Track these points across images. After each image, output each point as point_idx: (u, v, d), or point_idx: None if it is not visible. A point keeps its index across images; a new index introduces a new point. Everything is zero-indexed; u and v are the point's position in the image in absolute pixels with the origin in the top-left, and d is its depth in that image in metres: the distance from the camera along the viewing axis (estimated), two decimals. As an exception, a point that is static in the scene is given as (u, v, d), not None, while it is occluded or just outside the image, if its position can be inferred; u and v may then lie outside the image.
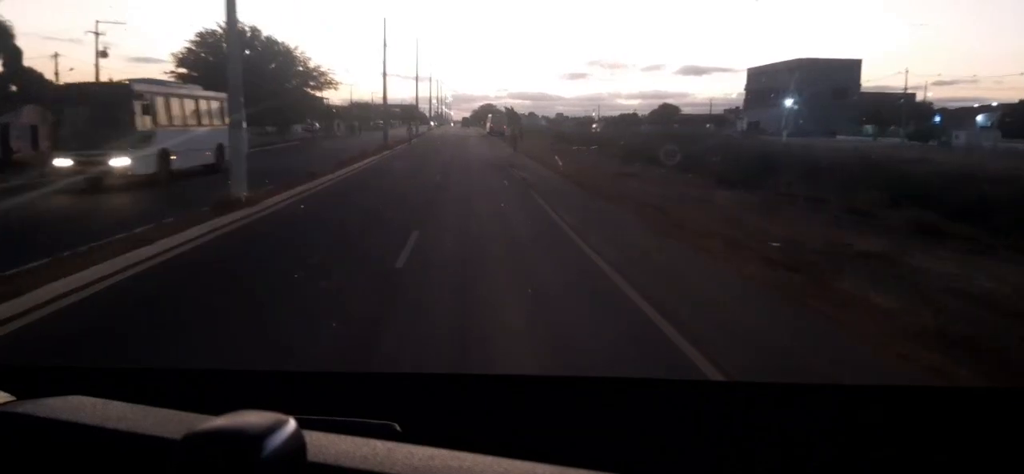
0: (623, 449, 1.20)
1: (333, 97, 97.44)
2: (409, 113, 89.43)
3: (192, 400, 1.07)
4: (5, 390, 1.14)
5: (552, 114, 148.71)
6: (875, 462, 1.20)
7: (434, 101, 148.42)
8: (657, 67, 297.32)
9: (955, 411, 1.34)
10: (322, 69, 42.56)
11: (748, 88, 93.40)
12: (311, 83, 42.21)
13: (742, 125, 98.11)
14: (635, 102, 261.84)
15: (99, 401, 1.07)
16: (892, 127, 70.22)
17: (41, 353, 5.00)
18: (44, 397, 1.09)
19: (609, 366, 4.63)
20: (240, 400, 0.92)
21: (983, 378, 4.44)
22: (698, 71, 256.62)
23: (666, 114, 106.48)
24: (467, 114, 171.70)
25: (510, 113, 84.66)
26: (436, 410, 1.31)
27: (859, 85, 78.68)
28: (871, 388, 2.17)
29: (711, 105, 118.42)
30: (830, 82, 78.10)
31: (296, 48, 41.55)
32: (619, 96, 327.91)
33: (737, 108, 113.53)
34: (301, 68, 41.47)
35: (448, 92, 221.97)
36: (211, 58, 36.24)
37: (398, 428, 1.06)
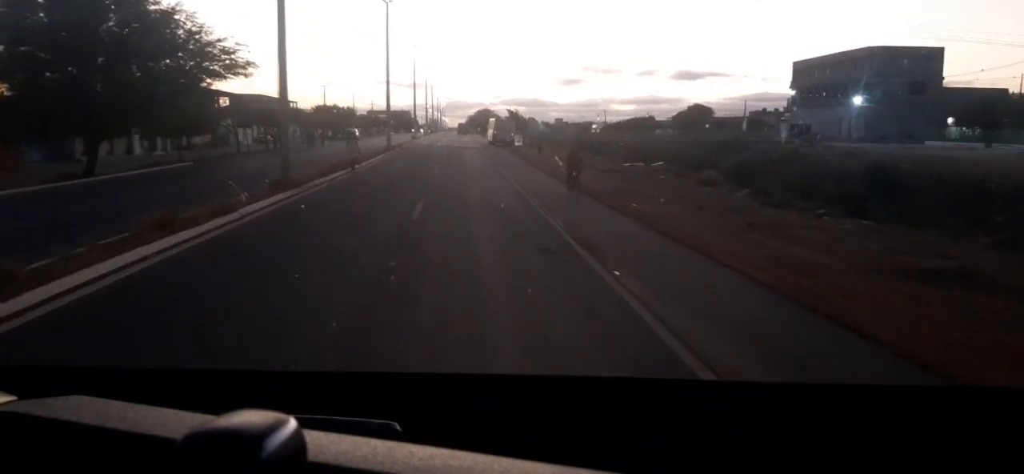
0: (623, 449, 1.21)
1: (301, 100, 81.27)
2: (400, 120, 71.92)
3: (192, 400, 1.07)
4: (6, 390, 1.14)
5: (548, 120, 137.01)
6: (874, 462, 1.21)
7: (427, 106, 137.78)
8: (651, 72, 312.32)
9: (955, 411, 1.35)
10: (228, 47, 26.24)
11: (794, 86, 77.66)
12: (208, 65, 25.72)
13: (784, 130, 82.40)
14: (630, 107, 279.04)
15: (100, 401, 1.08)
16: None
17: None
18: (45, 397, 1.10)
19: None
20: (240, 400, 0.93)
21: None
22: (692, 76, 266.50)
23: (696, 117, 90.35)
24: (463, 120, 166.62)
25: (516, 118, 67.32)
26: (436, 410, 1.32)
27: (941, 78, 63.07)
28: (870, 388, 2.15)
29: (746, 106, 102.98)
30: (907, 75, 62.40)
31: (176, 6, 25.17)
32: (614, 101, 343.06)
33: (774, 109, 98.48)
34: (191, 44, 25.07)
35: (442, 98, 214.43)
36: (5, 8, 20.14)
37: (398, 428, 1.08)
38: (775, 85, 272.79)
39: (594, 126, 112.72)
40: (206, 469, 0.81)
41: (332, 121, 75.06)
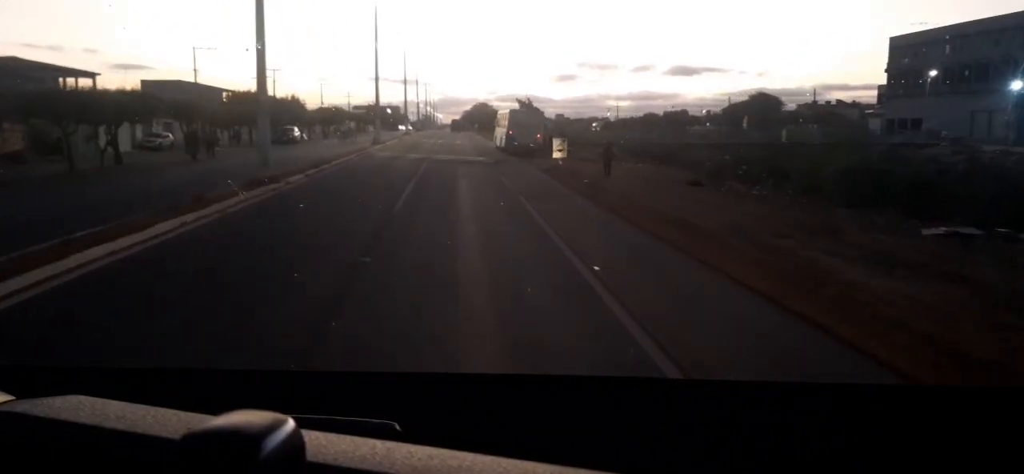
0: (623, 448, 1.26)
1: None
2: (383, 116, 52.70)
3: (191, 400, 1.11)
4: (4, 389, 1.18)
5: (548, 116, 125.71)
6: (868, 462, 1.27)
7: (413, 101, 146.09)
8: (646, 68, 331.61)
9: (953, 411, 1.40)
10: None
11: (891, 70, 59.10)
12: None
13: (877, 124, 64.83)
14: (625, 103, 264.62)
15: (98, 401, 1.12)
16: None
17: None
18: (43, 396, 1.14)
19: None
20: (239, 400, 0.96)
21: None
22: (688, 71, 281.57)
23: (762, 108, 70.74)
24: (457, 116, 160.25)
25: (533, 110, 45.03)
26: (436, 409, 1.36)
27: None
28: (866, 387, 2.26)
29: (815, 94, 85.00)
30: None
31: None
32: (609, 97, 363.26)
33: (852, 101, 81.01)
34: None
35: (435, 94, 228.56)
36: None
37: (398, 428, 1.11)
38: (771, 80, 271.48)
39: (595, 124, 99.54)
40: (204, 469, 0.83)
41: (285, 114, 54.19)
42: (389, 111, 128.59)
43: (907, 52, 67.59)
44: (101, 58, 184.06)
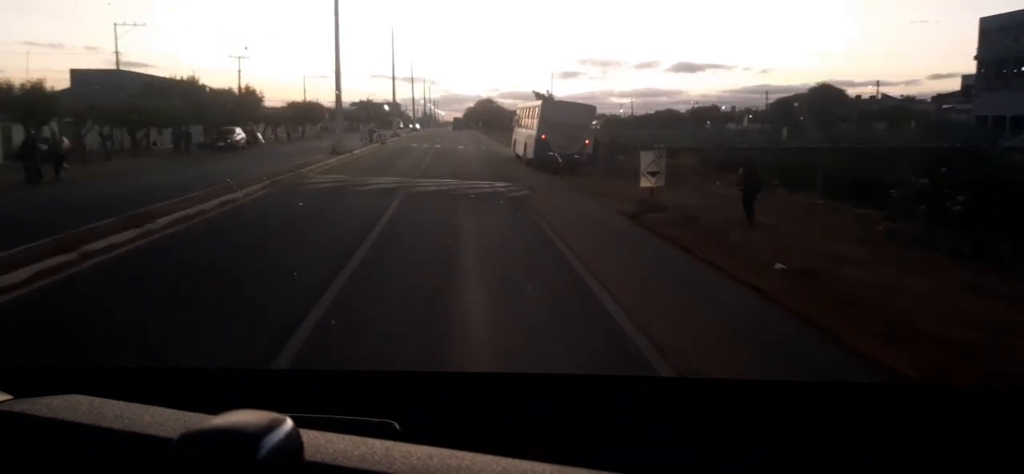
0: (623, 448, 1.27)
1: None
2: (372, 113, 43.29)
3: (189, 399, 1.11)
4: (3, 389, 1.17)
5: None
6: (869, 461, 1.29)
7: (415, 99, 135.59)
8: (650, 64, 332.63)
9: (953, 411, 1.42)
10: None
11: (982, 57, 48.19)
12: None
13: (970, 118, 55.79)
14: (628, 100, 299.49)
15: (96, 400, 1.12)
16: None
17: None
18: (41, 396, 1.14)
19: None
20: (237, 399, 0.96)
21: None
22: (692, 68, 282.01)
23: (824, 100, 60.31)
24: (459, 114, 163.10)
25: (574, 104, 31.78)
26: (435, 409, 1.37)
27: None
28: (867, 387, 2.24)
29: (878, 89, 76.42)
30: None
31: None
32: (612, 94, 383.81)
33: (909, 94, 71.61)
34: None
35: (437, 92, 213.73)
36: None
37: (397, 427, 1.12)
38: (774, 77, 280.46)
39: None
40: (202, 469, 0.83)
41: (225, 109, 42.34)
42: (387, 108, 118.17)
43: (1006, 35, 56.01)
44: (101, 56, 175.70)
